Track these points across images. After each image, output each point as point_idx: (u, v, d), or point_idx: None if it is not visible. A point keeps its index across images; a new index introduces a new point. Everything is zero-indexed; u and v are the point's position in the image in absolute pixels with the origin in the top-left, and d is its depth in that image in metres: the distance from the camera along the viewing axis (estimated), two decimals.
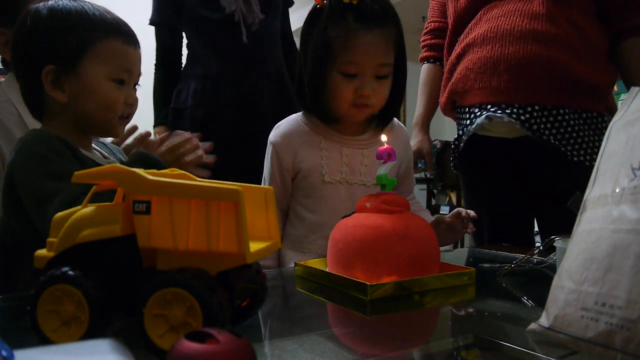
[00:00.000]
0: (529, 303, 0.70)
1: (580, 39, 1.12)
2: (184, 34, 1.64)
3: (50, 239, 0.46)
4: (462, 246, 4.31)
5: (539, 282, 0.82)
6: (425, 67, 1.41)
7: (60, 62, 0.77)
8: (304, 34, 0.98)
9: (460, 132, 1.26)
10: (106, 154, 0.92)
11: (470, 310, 0.68)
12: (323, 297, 0.71)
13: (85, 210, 0.46)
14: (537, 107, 1.12)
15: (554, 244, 0.76)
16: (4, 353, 0.29)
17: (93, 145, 0.89)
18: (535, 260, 0.86)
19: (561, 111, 1.13)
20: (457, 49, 1.23)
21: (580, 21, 1.12)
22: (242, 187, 0.43)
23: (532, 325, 0.47)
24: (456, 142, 1.28)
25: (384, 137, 0.77)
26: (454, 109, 1.30)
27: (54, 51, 0.77)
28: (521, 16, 1.11)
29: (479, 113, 1.18)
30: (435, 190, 5.01)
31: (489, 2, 1.18)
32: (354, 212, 0.75)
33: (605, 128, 1.15)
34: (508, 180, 1.25)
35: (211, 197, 0.42)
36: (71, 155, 0.76)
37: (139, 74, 0.85)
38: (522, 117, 1.13)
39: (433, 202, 4.98)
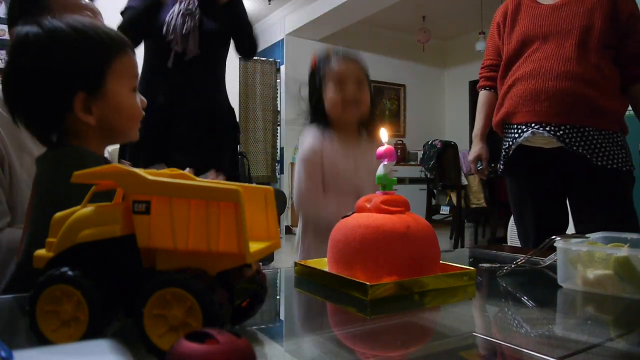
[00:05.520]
0: (529, 303, 0.70)
1: (600, 77, 1.54)
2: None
3: (49, 239, 0.46)
4: (462, 246, 4.31)
5: (539, 282, 0.82)
6: (483, 93, 1.87)
7: (87, 86, 0.75)
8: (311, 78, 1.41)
9: (510, 143, 1.67)
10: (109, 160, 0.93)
11: (470, 310, 0.68)
12: (323, 297, 0.71)
13: (85, 210, 0.46)
14: (568, 126, 1.55)
15: (554, 244, 0.76)
16: (3, 353, 0.29)
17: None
18: (535, 260, 0.86)
19: (582, 129, 1.54)
20: (508, 81, 1.68)
21: (600, 64, 1.54)
22: (242, 187, 0.43)
23: None
24: (506, 151, 1.69)
25: (384, 137, 0.77)
26: (503, 125, 1.73)
27: (81, 75, 0.75)
28: (557, 60, 1.56)
29: (525, 129, 1.62)
30: (435, 190, 5.00)
31: (532, 45, 1.62)
32: (354, 212, 0.75)
33: (620, 142, 1.63)
34: (546, 182, 1.66)
35: (211, 197, 0.42)
36: None
37: None
38: (558, 134, 1.55)
39: (433, 202, 4.98)
